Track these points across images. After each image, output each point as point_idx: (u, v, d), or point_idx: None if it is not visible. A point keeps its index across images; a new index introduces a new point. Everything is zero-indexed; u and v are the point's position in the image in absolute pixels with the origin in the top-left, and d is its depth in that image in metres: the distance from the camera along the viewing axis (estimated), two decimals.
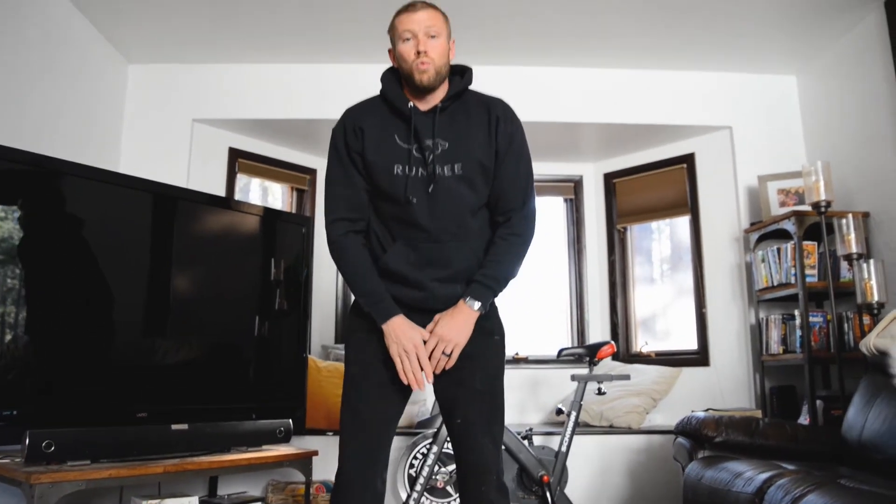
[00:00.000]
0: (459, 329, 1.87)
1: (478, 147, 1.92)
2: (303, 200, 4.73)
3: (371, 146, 1.92)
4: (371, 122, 1.95)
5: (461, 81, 1.97)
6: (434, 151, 1.89)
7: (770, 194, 3.97)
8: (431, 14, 1.91)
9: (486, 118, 1.95)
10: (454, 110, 1.95)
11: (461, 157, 1.90)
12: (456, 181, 1.89)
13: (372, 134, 1.93)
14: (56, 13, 3.35)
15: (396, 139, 1.92)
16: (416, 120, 1.90)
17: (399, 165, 1.89)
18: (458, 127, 1.93)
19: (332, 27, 3.76)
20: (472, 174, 1.91)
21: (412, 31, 1.88)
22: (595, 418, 3.95)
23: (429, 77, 1.88)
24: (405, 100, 1.93)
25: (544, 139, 4.46)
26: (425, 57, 1.87)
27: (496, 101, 2.01)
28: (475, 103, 1.99)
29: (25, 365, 2.44)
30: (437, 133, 1.90)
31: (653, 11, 3.58)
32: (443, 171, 1.89)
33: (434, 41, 1.89)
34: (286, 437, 3.09)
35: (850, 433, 2.67)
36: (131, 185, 2.83)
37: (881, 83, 3.50)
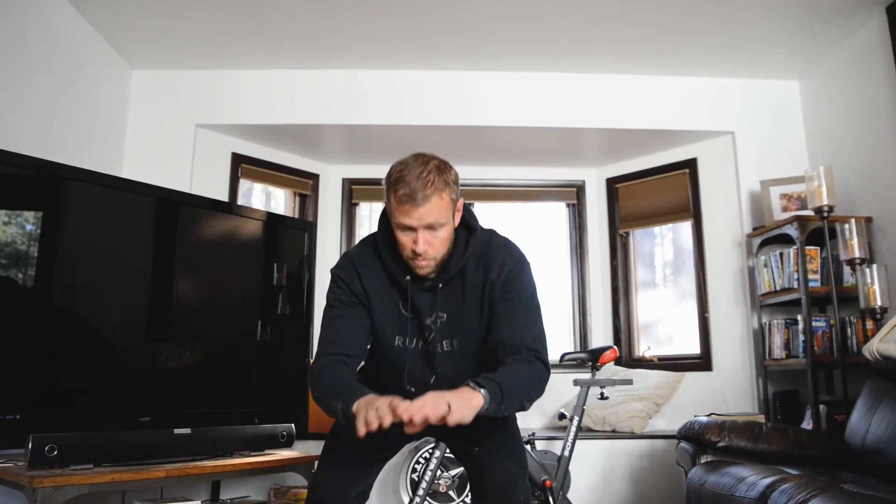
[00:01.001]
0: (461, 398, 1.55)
1: (473, 320, 1.82)
2: (305, 205, 4.74)
3: (376, 311, 1.84)
4: (375, 285, 1.85)
5: (465, 252, 1.83)
6: (433, 328, 1.81)
7: (772, 199, 3.97)
8: (435, 205, 1.68)
9: (481, 284, 1.83)
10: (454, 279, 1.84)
11: (457, 332, 1.82)
12: (455, 354, 1.82)
13: (376, 298, 1.84)
14: (60, 18, 3.36)
15: (399, 307, 1.84)
16: (414, 296, 1.82)
17: (400, 337, 1.82)
18: (455, 299, 1.83)
19: (334, 32, 3.77)
20: (470, 348, 1.83)
21: (409, 226, 1.71)
22: (598, 423, 3.94)
23: (428, 272, 1.79)
24: (402, 273, 1.83)
25: (547, 144, 4.46)
26: (425, 256, 1.73)
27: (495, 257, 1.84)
28: (473, 264, 1.84)
29: (28, 369, 2.44)
30: (437, 307, 1.82)
31: (655, 17, 3.59)
32: (443, 347, 1.82)
33: (436, 233, 1.73)
34: (288, 442, 3.09)
35: (854, 438, 2.66)
36: (134, 189, 2.84)
37: (883, 88, 3.50)
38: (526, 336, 1.78)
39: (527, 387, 1.73)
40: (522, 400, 1.72)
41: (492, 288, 1.81)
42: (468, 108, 4.18)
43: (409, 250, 1.74)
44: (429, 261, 1.75)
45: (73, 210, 2.64)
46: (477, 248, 1.86)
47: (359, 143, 4.45)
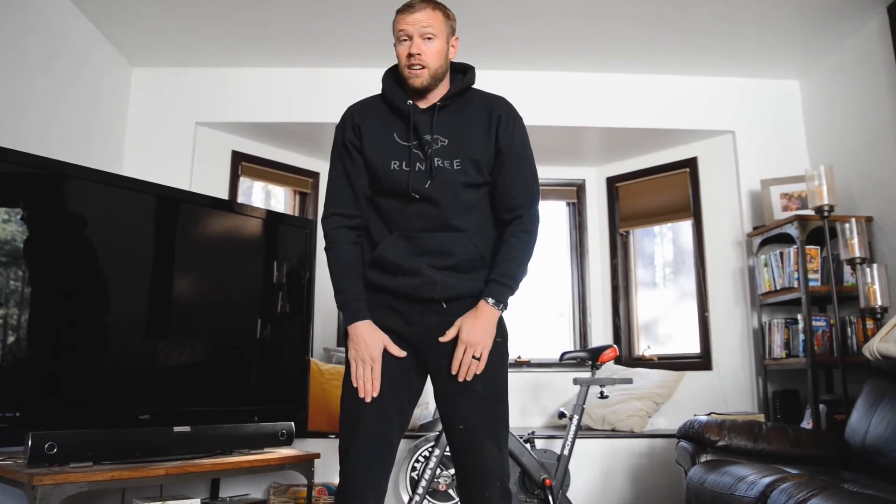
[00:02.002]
0: (484, 331, 1.86)
1: (476, 145, 1.91)
2: (305, 204, 4.74)
3: (370, 144, 1.92)
4: (370, 120, 1.95)
5: (462, 80, 1.97)
6: (433, 146, 1.89)
7: (773, 198, 3.97)
8: (429, 14, 1.89)
9: (486, 117, 1.94)
10: (454, 108, 1.95)
11: (460, 154, 1.89)
12: (454, 175, 1.88)
13: (370, 132, 1.93)
14: (60, 16, 3.36)
15: (395, 137, 1.92)
16: (414, 117, 1.90)
17: (396, 161, 1.89)
18: (458, 125, 1.93)
19: (335, 31, 3.77)
20: (470, 170, 1.90)
21: (407, 33, 1.88)
22: (597, 422, 3.94)
23: (421, 81, 1.88)
24: (404, 98, 1.93)
25: (547, 143, 4.46)
26: (417, 59, 1.86)
27: (499, 99, 2.00)
28: (477, 102, 1.98)
29: (28, 366, 2.44)
30: (436, 129, 1.90)
31: (656, 16, 3.58)
32: (442, 164, 1.88)
33: (429, 43, 1.88)
34: (288, 440, 3.09)
35: (854, 438, 2.66)
36: (134, 187, 2.84)
37: (884, 87, 3.50)
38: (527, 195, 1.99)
39: (524, 259, 1.96)
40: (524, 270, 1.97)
41: (499, 122, 1.94)
42: None
43: (405, 57, 1.88)
44: (422, 69, 1.87)
45: (74, 208, 2.64)
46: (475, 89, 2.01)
47: None
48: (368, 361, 1.84)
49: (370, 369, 1.84)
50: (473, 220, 1.94)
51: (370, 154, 1.91)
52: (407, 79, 1.89)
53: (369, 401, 1.83)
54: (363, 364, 1.84)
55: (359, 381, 1.84)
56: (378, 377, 1.84)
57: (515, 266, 1.93)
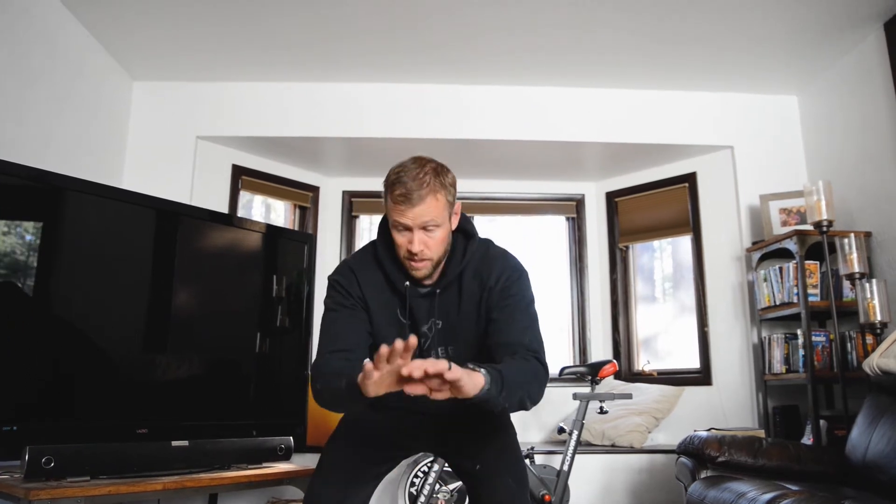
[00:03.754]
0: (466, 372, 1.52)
1: (469, 328, 1.84)
2: (305, 218, 4.75)
3: (376, 318, 1.85)
4: (373, 292, 1.86)
5: (463, 258, 1.85)
6: (429, 336, 1.83)
7: (772, 213, 3.98)
8: (430, 205, 1.70)
9: (478, 294, 1.84)
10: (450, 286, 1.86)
11: (453, 339, 1.84)
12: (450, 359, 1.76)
13: (375, 306, 1.86)
14: (62, 29, 3.38)
15: (398, 314, 1.86)
16: (412, 303, 1.83)
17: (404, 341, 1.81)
18: (452, 306, 1.85)
19: (333, 46, 3.79)
20: (464, 355, 1.83)
21: (405, 225, 1.72)
22: (597, 437, 3.93)
23: (424, 273, 1.79)
24: (401, 278, 1.84)
25: (546, 158, 4.48)
26: (421, 256, 1.74)
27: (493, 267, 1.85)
28: (471, 273, 1.86)
29: (25, 380, 2.44)
30: (434, 314, 1.84)
31: (655, 32, 3.61)
32: (437, 353, 1.84)
33: (432, 234, 1.73)
34: (287, 455, 3.07)
35: (854, 454, 2.65)
36: (134, 201, 2.84)
37: (882, 103, 3.52)
38: (524, 338, 1.78)
39: (527, 382, 1.68)
40: (523, 395, 1.66)
41: (489, 295, 1.82)
42: (467, 122, 4.20)
43: (405, 250, 1.75)
44: (424, 262, 1.76)
45: (73, 221, 2.64)
46: (475, 256, 1.87)
47: (359, 155, 4.46)
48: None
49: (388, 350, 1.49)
50: None
51: (376, 330, 1.85)
52: (408, 270, 1.78)
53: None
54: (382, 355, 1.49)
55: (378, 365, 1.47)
56: None
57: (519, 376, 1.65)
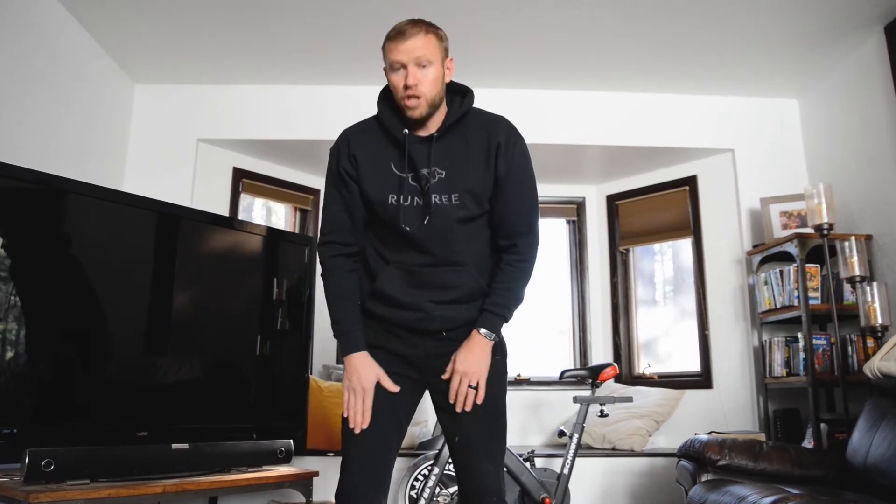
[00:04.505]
0: (479, 360, 1.86)
1: (475, 177, 1.87)
2: (306, 220, 4.75)
3: (366, 175, 1.88)
4: (366, 149, 1.90)
5: (460, 107, 1.91)
6: (430, 180, 1.85)
7: (772, 217, 3.97)
8: (422, 41, 1.80)
9: (485, 145, 1.88)
10: (452, 136, 1.89)
11: (458, 186, 1.85)
12: (452, 209, 1.85)
13: (367, 162, 1.89)
14: (65, 33, 3.38)
15: (392, 167, 1.88)
16: (410, 148, 1.86)
17: (393, 195, 1.85)
18: (455, 155, 1.88)
19: (333, 49, 3.80)
20: (469, 203, 1.86)
21: (400, 62, 1.79)
22: (597, 440, 3.92)
23: (420, 112, 1.82)
24: (400, 127, 1.88)
25: (547, 161, 4.48)
26: (414, 90, 1.79)
27: (499, 123, 1.93)
28: (475, 127, 1.91)
29: (26, 383, 2.44)
30: (433, 162, 1.86)
31: (655, 36, 3.61)
32: (440, 199, 1.85)
33: (425, 70, 1.80)
34: (287, 458, 3.07)
35: (855, 457, 2.65)
36: (135, 203, 2.84)
37: (882, 106, 3.52)
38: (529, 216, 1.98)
39: (519, 288, 1.95)
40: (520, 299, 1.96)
41: (498, 150, 1.88)
42: None
43: (401, 87, 1.80)
44: (420, 98, 1.80)
45: (75, 223, 2.64)
46: (478, 113, 1.95)
47: None
48: (360, 392, 1.83)
49: (362, 400, 1.83)
50: (473, 252, 1.92)
51: (367, 186, 1.88)
52: (403, 109, 1.83)
53: (358, 432, 1.82)
54: (355, 395, 1.84)
55: (350, 412, 1.84)
56: (369, 408, 1.83)
57: (509, 295, 1.92)
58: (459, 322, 1.90)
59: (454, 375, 1.85)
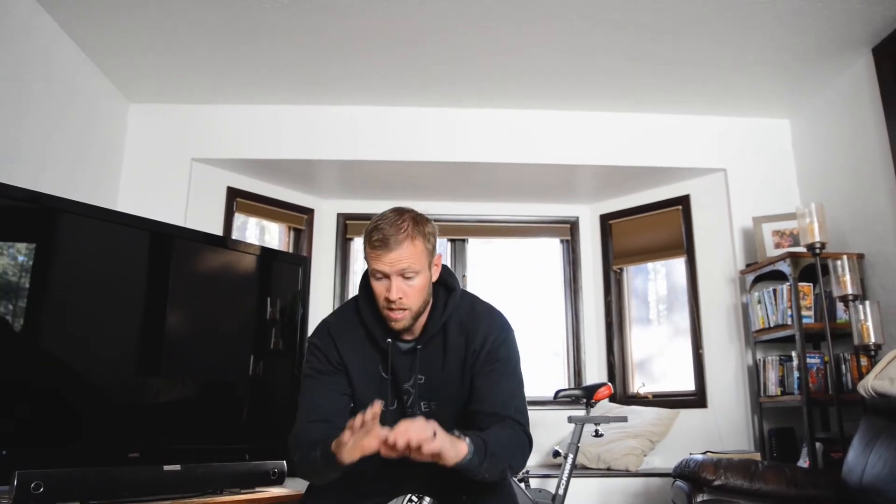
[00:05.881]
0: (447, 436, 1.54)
1: (452, 385, 1.82)
2: (300, 240, 4.74)
3: (356, 379, 1.83)
4: (353, 353, 1.84)
5: (444, 309, 1.83)
6: (413, 390, 1.81)
7: (765, 236, 3.99)
8: (408, 251, 1.68)
9: (463, 352, 1.82)
10: (433, 341, 1.84)
11: (436, 394, 1.82)
12: (431, 416, 1.72)
13: (355, 367, 1.84)
14: (58, 53, 3.39)
15: (379, 370, 1.83)
16: (394, 361, 1.81)
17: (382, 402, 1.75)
18: (435, 361, 1.82)
19: (325, 70, 3.81)
20: (448, 412, 1.82)
21: (382, 272, 1.70)
22: (592, 460, 3.90)
23: (403, 325, 1.75)
24: (383, 335, 1.82)
25: (541, 181, 4.50)
26: (399, 304, 1.70)
27: (478, 326, 1.84)
28: (455, 330, 1.84)
29: (15, 403, 2.41)
30: (416, 370, 1.82)
31: (648, 55, 3.65)
32: (420, 408, 1.81)
33: (410, 282, 1.71)
34: (280, 479, 3.04)
35: (851, 476, 2.64)
36: (128, 223, 2.83)
37: (872, 126, 3.55)
38: (509, 406, 1.78)
39: (511, 450, 1.71)
40: (504, 466, 1.69)
41: (474, 357, 1.81)
42: (461, 145, 4.22)
43: (384, 299, 1.72)
44: (403, 312, 1.73)
45: (67, 243, 2.63)
46: (459, 311, 1.85)
47: (353, 178, 4.48)
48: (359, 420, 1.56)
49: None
50: None
51: (357, 391, 1.83)
52: (386, 321, 1.75)
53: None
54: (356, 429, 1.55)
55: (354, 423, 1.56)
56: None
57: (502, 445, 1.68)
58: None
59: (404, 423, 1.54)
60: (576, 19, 3.32)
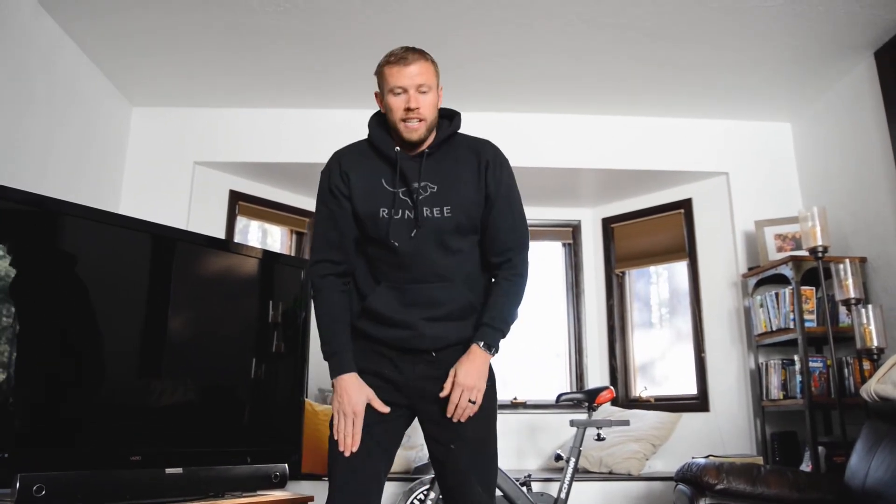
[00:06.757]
0: (479, 374, 1.86)
1: (466, 190, 1.90)
2: (302, 243, 4.75)
3: (358, 192, 1.91)
4: (358, 168, 1.94)
5: (449, 126, 1.96)
6: (422, 193, 1.88)
7: (767, 239, 3.99)
8: (423, 67, 1.87)
9: (475, 162, 1.94)
10: (442, 154, 1.94)
11: (450, 199, 1.88)
12: (443, 223, 1.87)
13: (359, 180, 1.92)
14: (61, 56, 3.40)
15: (383, 183, 1.91)
16: (402, 164, 1.89)
17: (385, 209, 1.88)
18: (446, 171, 1.92)
19: (328, 73, 3.82)
20: (461, 216, 1.89)
21: (402, 86, 1.84)
22: (594, 464, 3.90)
23: (419, 134, 1.86)
24: (392, 144, 1.91)
25: (543, 184, 4.50)
26: (416, 113, 1.84)
27: (486, 144, 2.00)
28: (464, 147, 1.97)
29: (17, 406, 2.41)
30: (424, 176, 1.89)
31: (650, 59, 3.65)
32: (431, 213, 1.87)
33: (425, 96, 1.86)
34: (281, 482, 3.04)
35: (854, 480, 2.63)
36: (131, 226, 2.84)
37: (874, 129, 3.55)
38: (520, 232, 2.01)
39: (519, 301, 1.97)
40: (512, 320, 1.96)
41: (488, 168, 1.93)
42: None
43: (402, 110, 1.84)
44: (421, 122, 1.85)
45: (70, 246, 2.64)
46: (461, 134, 2.00)
47: None
48: (350, 415, 1.83)
49: (352, 423, 1.83)
50: (461, 269, 1.93)
51: (359, 201, 1.91)
52: (403, 132, 1.86)
53: (348, 454, 1.82)
54: (345, 418, 1.84)
55: (340, 435, 1.84)
56: (359, 431, 1.83)
57: (507, 309, 1.93)
58: (450, 341, 1.90)
59: (455, 388, 1.84)
60: (578, 23, 3.32)
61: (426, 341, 1.88)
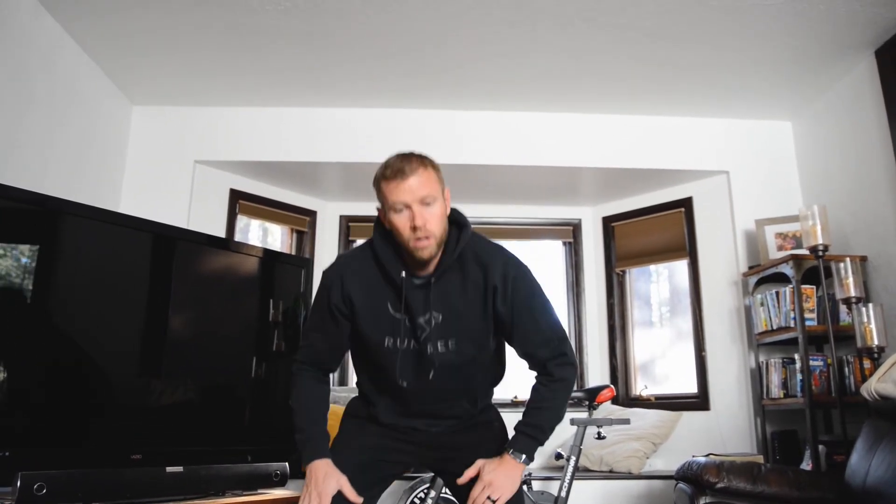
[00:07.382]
0: (506, 477, 1.81)
1: (473, 320, 1.83)
2: (302, 242, 4.75)
3: (362, 315, 1.85)
4: (361, 290, 1.85)
5: (457, 242, 1.84)
6: (426, 329, 1.81)
7: (768, 238, 3.99)
8: (424, 177, 1.73)
9: (481, 286, 1.83)
10: (449, 275, 1.84)
11: (456, 331, 1.82)
12: (449, 356, 1.82)
13: (363, 303, 1.85)
14: (62, 55, 3.40)
15: (389, 308, 1.84)
16: (408, 294, 1.81)
17: (390, 338, 1.82)
18: (452, 297, 1.82)
19: (327, 72, 3.82)
20: (467, 347, 1.83)
21: (404, 202, 1.72)
22: (595, 463, 3.90)
23: (429, 252, 1.76)
24: (399, 269, 1.82)
25: (543, 183, 4.50)
26: (424, 231, 1.72)
27: (493, 260, 1.86)
28: (472, 263, 1.84)
29: (18, 405, 2.42)
30: (431, 307, 1.82)
31: (650, 58, 3.65)
32: (436, 348, 1.81)
33: (430, 208, 1.73)
34: (282, 481, 3.04)
35: (854, 479, 2.63)
36: (131, 224, 2.84)
37: (874, 128, 3.55)
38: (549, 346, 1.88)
39: (562, 409, 1.90)
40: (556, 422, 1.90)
41: (495, 293, 1.82)
42: (464, 147, 4.22)
43: (409, 229, 1.73)
44: (429, 239, 1.74)
45: (70, 244, 2.64)
46: (471, 243, 1.87)
47: (356, 180, 4.48)
48: (316, 499, 1.78)
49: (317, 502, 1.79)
50: (465, 385, 1.92)
51: (363, 324, 1.85)
52: (413, 252, 1.76)
53: None
54: (310, 498, 1.79)
55: None
56: None
57: (543, 415, 1.88)
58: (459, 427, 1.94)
59: (477, 483, 1.81)
60: (578, 23, 3.32)
61: (433, 438, 1.93)
